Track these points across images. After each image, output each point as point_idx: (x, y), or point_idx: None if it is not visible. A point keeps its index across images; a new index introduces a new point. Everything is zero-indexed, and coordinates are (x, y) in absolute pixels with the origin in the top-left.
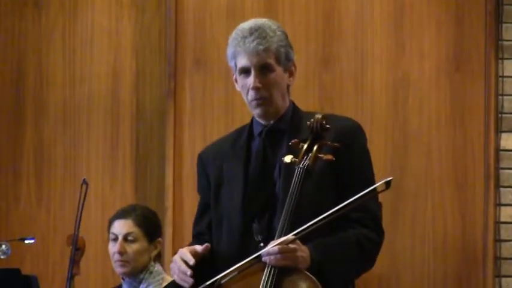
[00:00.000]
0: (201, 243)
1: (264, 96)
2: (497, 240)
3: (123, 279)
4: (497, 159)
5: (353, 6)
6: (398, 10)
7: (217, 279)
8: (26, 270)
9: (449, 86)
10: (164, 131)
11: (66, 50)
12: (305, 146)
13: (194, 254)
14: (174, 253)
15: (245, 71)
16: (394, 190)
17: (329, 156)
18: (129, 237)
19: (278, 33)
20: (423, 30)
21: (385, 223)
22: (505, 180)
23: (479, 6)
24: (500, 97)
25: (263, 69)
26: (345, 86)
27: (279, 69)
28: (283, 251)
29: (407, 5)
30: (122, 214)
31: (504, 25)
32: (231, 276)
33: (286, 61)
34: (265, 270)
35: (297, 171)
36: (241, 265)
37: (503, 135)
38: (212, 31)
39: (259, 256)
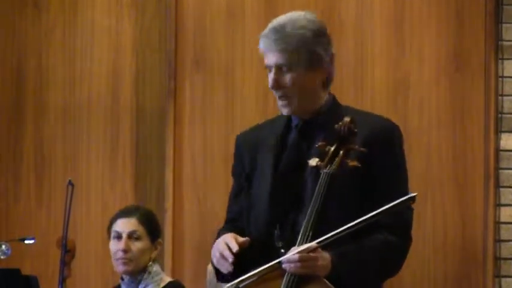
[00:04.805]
0: (234, 230)
1: (283, 95)
2: (497, 241)
3: (121, 279)
4: (497, 160)
5: (353, 6)
6: (398, 10)
7: (236, 283)
8: (26, 270)
9: (449, 86)
10: (164, 131)
11: (66, 50)
12: (331, 150)
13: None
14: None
15: (268, 68)
16: None
17: (355, 163)
18: (134, 235)
19: (301, 31)
20: (423, 31)
21: None
22: (505, 181)
23: (479, 6)
24: (500, 97)
25: (281, 69)
26: (345, 86)
27: (299, 69)
28: (303, 259)
29: (407, 5)
30: (125, 213)
31: (504, 25)
32: (250, 280)
33: (309, 60)
34: (285, 278)
35: (322, 177)
36: (261, 270)
37: (503, 136)
38: (212, 31)
39: (280, 262)
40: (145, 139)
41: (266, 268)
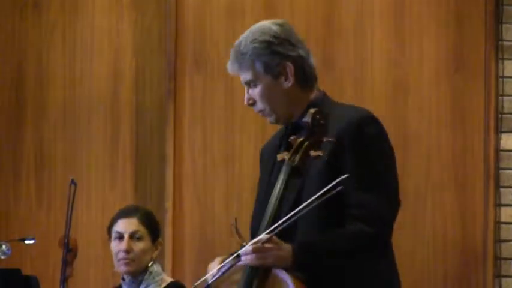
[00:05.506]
0: None
1: (259, 110)
2: (497, 241)
3: (122, 279)
4: (497, 160)
5: (353, 7)
6: (398, 10)
7: (208, 276)
8: (26, 270)
9: (449, 86)
10: (164, 131)
11: (66, 50)
12: (297, 142)
13: None
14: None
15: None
16: None
17: (318, 153)
18: (136, 235)
19: (252, 45)
20: (423, 31)
21: None
22: (505, 181)
23: (479, 6)
24: (500, 97)
25: (249, 85)
26: (345, 86)
27: (265, 80)
28: (256, 250)
29: (407, 5)
30: (126, 213)
31: (504, 25)
32: (219, 273)
33: (269, 70)
34: (245, 269)
35: (284, 169)
36: (226, 263)
37: (503, 136)
38: (212, 31)
39: (239, 255)
40: (146, 139)
41: (230, 261)
